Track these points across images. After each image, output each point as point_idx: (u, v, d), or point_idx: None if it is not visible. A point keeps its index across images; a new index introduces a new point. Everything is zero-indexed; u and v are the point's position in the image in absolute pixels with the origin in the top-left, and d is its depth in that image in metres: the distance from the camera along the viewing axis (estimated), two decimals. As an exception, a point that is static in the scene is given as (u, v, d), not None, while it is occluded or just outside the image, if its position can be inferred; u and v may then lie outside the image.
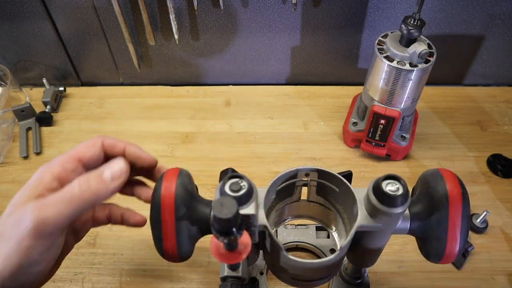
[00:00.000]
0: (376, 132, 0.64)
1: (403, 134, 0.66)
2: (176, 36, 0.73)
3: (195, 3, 0.68)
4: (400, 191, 0.33)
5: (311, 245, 0.54)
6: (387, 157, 0.68)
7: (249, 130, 0.74)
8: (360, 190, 0.37)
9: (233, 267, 0.38)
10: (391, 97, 0.60)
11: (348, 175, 0.40)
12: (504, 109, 0.76)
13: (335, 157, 0.69)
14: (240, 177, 0.35)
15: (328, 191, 0.42)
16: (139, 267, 0.57)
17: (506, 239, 0.58)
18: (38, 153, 0.71)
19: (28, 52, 0.78)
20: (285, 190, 0.42)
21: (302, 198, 0.44)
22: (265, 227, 0.36)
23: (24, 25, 0.74)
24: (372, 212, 0.35)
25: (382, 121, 0.62)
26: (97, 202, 0.34)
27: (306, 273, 0.39)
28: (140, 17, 0.71)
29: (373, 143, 0.65)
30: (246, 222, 0.34)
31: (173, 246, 0.34)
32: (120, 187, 0.35)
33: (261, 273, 0.53)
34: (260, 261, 0.53)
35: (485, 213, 0.58)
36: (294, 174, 0.40)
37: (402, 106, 0.61)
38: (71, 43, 0.77)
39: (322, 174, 0.40)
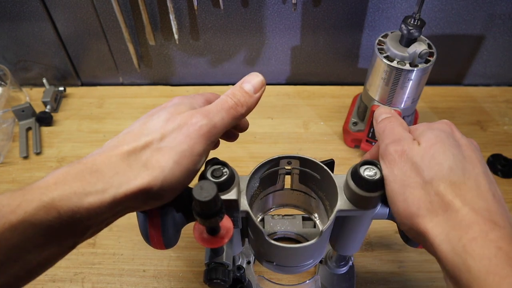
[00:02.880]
0: (376, 132, 0.64)
1: (403, 134, 0.66)
2: (176, 36, 0.73)
3: (195, 3, 0.68)
4: (377, 176, 0.34)
5: (298, 234, 0.55)
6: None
7: (249, 130, 0.73)
8: (340, 176, 0.38)
9: (217, 253, 0.39)
10: (391, 97, 0.60)
11: (330, 163, 0.41)
12: (504, 109, 0.76)
13: (335, 157, 0.69)
14: (223, 164, 0.36)
15: (310, 179, 0.43)
16: (139, 267, 0.57)
17: (506, 239, 0.58)
18: (38, 153, 0.71)
19: (28, 52, 0.78)
20: (269, 178, 0.43)
21: (285, 187, 0.45)
22: (248, 213, 0.36)
23: (24, 25, 0.74)
24: (351, 197, 0.36)
25: (382, 121, 0.62)
26: (247, 113, 0.36)
27: (289, 258, 0.40)
28: (140, 17, 0.71)
29: (373, 143, 0.65)
30: (229, 208, 0.35)
31: (158, 233, 0.35)
32: (259, 98, 0.37)
33: (248, 262, 0.54)
34: (247, 251, 0.54)
35: (485, 213, 0.58)
36: (276, 162, 0.41)
37: (402, 106, 0.61)
38: (71, 43, 0.77)
39: (304, 162, 0.41)
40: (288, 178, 0.44)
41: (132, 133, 0.32)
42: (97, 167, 0.29)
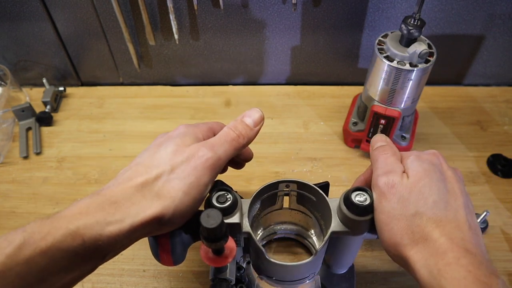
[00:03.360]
0: (376, 132, 0.64)
1: (403, 134, 0.66)
2: (176, 36, 0.73)
3: (195, 3, 0.68)
4: (368, 202, 0.38)
5: (298, 234, 0.56)
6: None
7: (249, 130, 0.74)
8: (334, 200, 0.41)
9: (221, 270, 0.42)
10: (391, 97, 0.60)
11: (325, 186, 0.45)
12: (504, 109, 0.76)
13: (335, 157, 0.69)
14: (227, 190, 0.39)
15: (307, 201, 0.46)
16: (139, 267, 0.57)
17: (506, 239, 0.58)
18: (38, 153, 0.71)
19: (28, 52, 0.78)
20: (268, 199, 0.46)
21: (284, 206, 0.49)
22: (249, 234, 0.40)
23: (24, 25, 0.74)
24: (344, 220, 0.39)
25: (382, 121, 0.62)
26: (247, 145, 0.40)
27: (287, 274, 0.42)
28: (140, 17, 0.71)
29: (373, 143, 0.65)
30: (232, 230, 0.38)
31: (168, 254, 0.38)
32: (258, 132, 0.41)
33: (248, 263, 0.54)
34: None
35: (485, 213, 0.58)
36: (275, 186, 0.45)
37: (402, 106, 0.61)
38: (71, 43, 0.77)
39: (301, 185, 0.45)
40: (286, 199, 0.48)
41: (143, 164, 0.35)
42: (115, 198, 0.32)
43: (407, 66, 0.56)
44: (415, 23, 0.54)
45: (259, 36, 0.75)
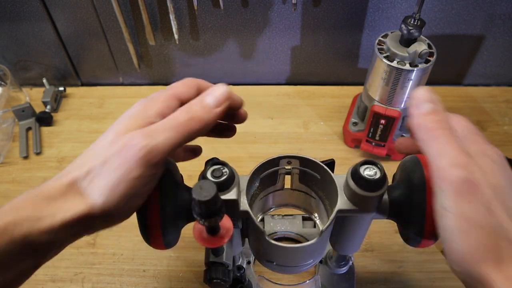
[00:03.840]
0: (376, 132, 0.64)
1: (403, 134, 0.66)
2: (176, 36, 0.73)
3: (195, 3, 0.68)
4: (378, 175, 0.34)
5: (298, 234, 0.55)
6: (387, 157, 0.67)
7: (249, 130, 0.74)
8: (340, 176, 0.38)
9: (217, 253, 0.39)
10: (391, 97, 0.60)
11: (331, 163, 0.40)
12: (504, 109, 0.76)
13: (335, 157, 0.68)
14: (223, 164, 0.36)
15: (310, 179, 0.42)
16: (139, 267, 0.57)
17: (506, 239, 0.58)
18: (38, 153, 0.71)
19: (28, 52, 0.78)
20: (269, 178, 0.42)
21: (285, 187, 0.45)
22: (248, 213, 0.36)
23: (24, 25, 0.74)
24: (351, 197, 0.36)
25: (382, 121, 0.62)
26: (203, 129, 0.33)
27: (289, 258, 0.39)
28: (140, 17, 0.71)
29: (373, 143, 0.65)
30: (229, 208, 0.35)
31: (158, 234, 0.35)
32: (223, 114, 0.34)
33: (248, 262, 0.54)
34: (247, 251, 0.54)
35: (485, 213, 0.58)
36: (276, 162, 0.41)
37: (402, 106, 0.61)
38: (71, 43, 0.77)
39: (304, 161, 0.41)
40: (288, 178, 0.44)
41: (82, 157, 0.32)
42: (49, 194, 0.30)
43: (407, 66, 0.56)
44: (415, 23, 0.54)
45: (259, 36, 0.75)
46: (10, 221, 0.28)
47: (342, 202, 0.36)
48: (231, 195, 0.35)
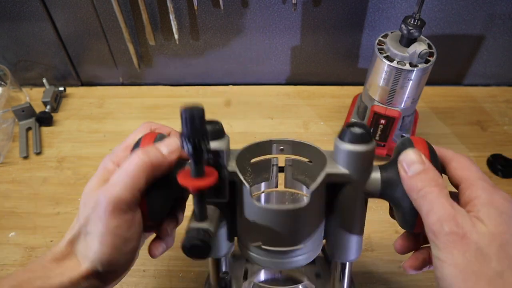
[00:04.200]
0: (376, 132, 0.64)
1: (403, 134, 0.66)
2: (176, 36, 0.73)
3: (195, 3, 0.68)
4: (363, 131, 0.34)
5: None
6: (387, 157, 0.68)
7: (249, 130, 0.74)
8: (331, 151, 0.38)
9: (200, 216, 0.36)
10: (391, 97, 0.60)
11: None
12: (504, 109, 0.76)
13: (335, 157, 0.69)
14: (215, 122, 0.37)
15: (304, 170, 0.42)
16: (139, 267, 0.57)
17: (506, 239, 0.58)
18: (38, 153, 0.71)
19: (28, 52, 0.78)
20: (261, 169, 0.42)
21: (279, 187, 0.44)
22: (235, 174, 0.37)
23: (24, 25, 0.74)
24: (338, 157, 0.36)
25: (382, 121, 0.62)
26: (157, 173, 0.35)
27: (276, 230, 0.37)
28: (140, 17, 0.71)
29: (373, 143, 0.65)
30: (216, 164, 0.36)
31: (144, 208, 0.36)
32: (175, 161, 0.37)
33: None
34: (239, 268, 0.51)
35: (485, 213, 0.58)
36: (268, 148, 0.41)
37: (402, 106, 0.61)
38: (71, 43, 0.77)
39: (296, 145, 0.41)
40: (281, 177, 0.44)
41: (77, 216, 0.36)
42: (55, 256, 0.34)
43: (407, 66, 0.56)
44: (415, 23, 0.54)
45: (259, 36, 0.75)
46: (24, 279, 0.32)
47: (330, 166, 0.36)
48: (219, 144, 0.36)
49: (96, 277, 0.34)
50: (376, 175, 0.37)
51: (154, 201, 0.37)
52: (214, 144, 0.36)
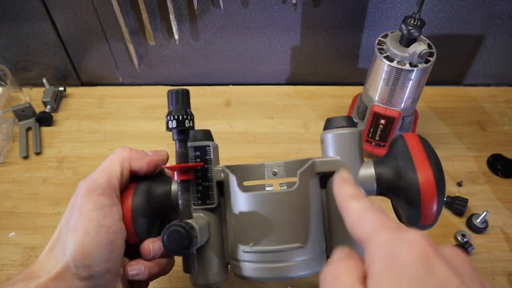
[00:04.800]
0: (376, 132, 0.64)
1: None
2: (176, 36, 0.73)
3: (195, 3, 0.68)
4: (344, 116, 0.37)
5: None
6: (387, 157, 0.68)
7: (249, 130, 0.74)
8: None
9: (186, 212, 0.35)
10: (391, 97, 0.60)
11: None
12: (504, 109, 0.76)
13: (335, 157, 0.69)
14: (207, 130, 0.40)
15: None
16: (139, 267, 0.57)
17: (506, 239, 0.58)
18: (38, 153, 0.71)
19: (28, 52, 0.78)
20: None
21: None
22: (223, 171, 0.37)
23: (24, 25, 0.74)
24: (327, 149, 0.37)
25: (382, 121, 0.62)
26: (135, 165, 0.38)
27: (267, 222, 0.35)
28: (140, 17, 0.71)
29: (373, 143, 0.65)
30: (202, 155, 0.37)
31: (129, 223, 0.37)
32: (158, 162, 0.39)
33: None
34: None
35: (485, 213, 0.58)
36: (260, 172, 0.41)
37: (402, 106, 0.61)
38: (71, 43, 0.77)
39: (290, 165, 0.40)
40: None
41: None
42: (38, 266, 0.35)
43: (407, 66, 0.56)
44: (415, 23, 0.54)
45: (259, 36, 0.75)
46: (13, 283, 0.33)
47: (319, 158, 0.37)
48: (208, 143, 0.38)
49: (69, 276, 0.33)
50: (369, 170, 0.36)
51: (139, 217, 0.37)
52: (202, 143, 0.38)
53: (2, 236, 0.60)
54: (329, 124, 0.38)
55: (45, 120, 0.74)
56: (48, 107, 0.76)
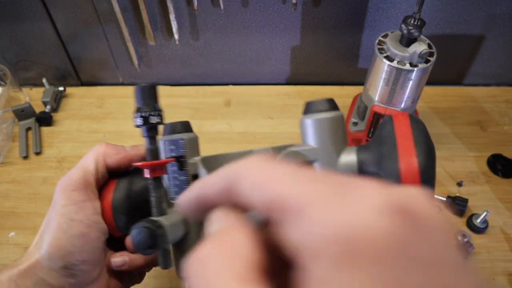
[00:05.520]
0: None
1: (403, 134, 0.66)
2: (176, 36, 0.73)
3: (195, 3, 0.68)
4: (325, 99, 0.34)
5: None
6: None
7: (249, 130, 0.74)
8: None
9: (158, 209, 0.36)
10: (391, 97, 0.60)
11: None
12: (504, 109, 0.76)
13: (335, 157, 0.69)
14: (186, 121, 0.39)
15: None
16: (139, 267, 0.57)
17: (506, 239, 0.58)
18: (38, 153, 0.71)
19: (28, 52, 0.78)
20: None
21: None
22: (196, 165, 0.36)
23: (24, 25, 0.74)
24: (306, 136, 0.35)
25: (382, 121, 0.62)
26: (111, 160, 0.39)
27: None
28: (140, 17, 0.71)
29: (373, 143, 0.65)
30: (176, 149, 0.36)
31: (110, 216, 0.38)
32: (135, 157, 0.40)
33: None
34: None
35: (485, 213, 0.58)
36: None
37: (402, 106, 0.61)
38: (71, 43, 0.77)
39: (277, 151, 0.38)
40: None
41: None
42: (26, 255, 0.37)
43: (407, 66, 0.56)
44: (415, 23, 0.54)
45: (259, 36, 0.75)
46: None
47: (296, 146, 0.35)
48: (182, 136, 0.37)
49: (45, 270, 0.34)
50: (351, 157, 0.34)
51: (119, 213, 0.38)
52: (174, 136, 0.37)
53: (2, 236, 0.60)
54: (308, 108, 0.34)
55: (45, 120, 0.74)
56: (48, 107, 0.76)
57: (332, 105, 0.34)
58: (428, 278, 0.14)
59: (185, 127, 0.38)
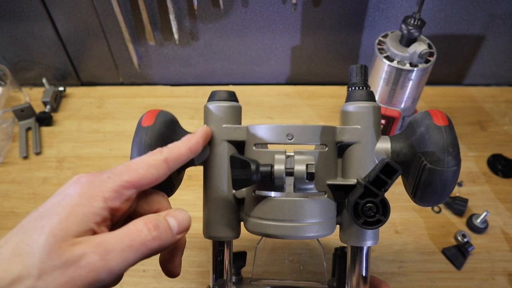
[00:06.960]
0: (376, 132, 0.64)
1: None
2: (176, 36, 0.73)
3: (195, 3, 0.68)
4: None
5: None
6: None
7: (249, 130, 0.74)
8: None
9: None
10: (391, 97, 0.60)
11: None
12: (504, 109, 0.76)
13: (335, 157, 0.69)
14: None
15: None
16: (139, 267, 0.57)
17: (506, 239, 0.58)
18: (38, 153, 0.71)
19: (28, 52, 0.78)
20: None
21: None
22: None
23: (24, 25, 0.74)
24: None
25: (382, 121, 0.62)
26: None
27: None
28: (140, 17, 0.71)
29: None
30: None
31: None
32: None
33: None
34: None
35: (485, 213, 0.58)
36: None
37: (402, 106, 0.61)
38: (71, 43, 0.77)
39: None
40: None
41: (3, 255, 0.25)
42: None
43: (407, 66, 0.56)
44: (415, 23, 0.54)
45: (259, 36, 0.75)
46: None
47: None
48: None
49: None
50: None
51: None
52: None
53: (2, 236, 0.60)
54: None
55: (45, 120, 0.74)
56: (48, 107, 0.76)
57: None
58: None
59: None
